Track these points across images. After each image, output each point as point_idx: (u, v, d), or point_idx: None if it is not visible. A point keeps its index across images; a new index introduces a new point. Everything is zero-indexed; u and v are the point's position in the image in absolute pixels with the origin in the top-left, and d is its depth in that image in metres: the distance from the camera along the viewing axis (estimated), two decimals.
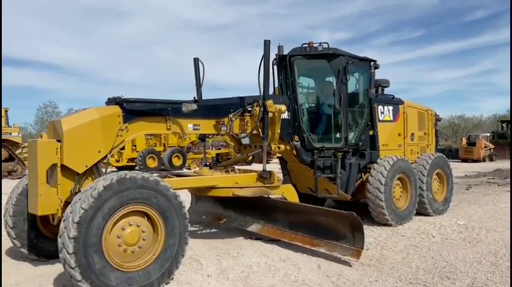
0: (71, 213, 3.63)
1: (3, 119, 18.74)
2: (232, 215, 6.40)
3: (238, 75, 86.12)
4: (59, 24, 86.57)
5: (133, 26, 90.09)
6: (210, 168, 6.23)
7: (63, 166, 4.21)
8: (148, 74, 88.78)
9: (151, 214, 4.04)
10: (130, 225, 3.96)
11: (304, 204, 5.67)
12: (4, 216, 4.83)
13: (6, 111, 19.26)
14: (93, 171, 4.48)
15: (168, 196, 4.13)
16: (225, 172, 6.00)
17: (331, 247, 4.96)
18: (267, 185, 5.74)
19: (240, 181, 5.68)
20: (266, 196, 5.84)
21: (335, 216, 5.08)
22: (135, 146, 20.62)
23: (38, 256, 4.88)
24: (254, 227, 5.91)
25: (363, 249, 4.74)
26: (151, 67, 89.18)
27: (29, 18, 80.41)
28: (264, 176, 5.74)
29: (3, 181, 16.05)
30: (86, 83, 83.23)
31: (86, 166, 4.36)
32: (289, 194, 5.94)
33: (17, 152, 18.41)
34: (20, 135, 19.46)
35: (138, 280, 3.87)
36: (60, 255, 3.62)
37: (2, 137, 17.76)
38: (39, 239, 4.87)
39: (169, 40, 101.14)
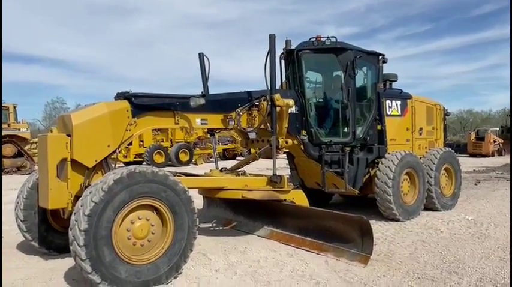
0: (81, 206, 3.66)
1: (11, 115, 18.88)
2: (242, 220, 6.36)
3: (244, 71, 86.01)
4: (66, 21, 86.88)
5: (140, 24, 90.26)
6: (221, 170, 6.22)
7: (73, 160, 4.24)
8: (155, 71, 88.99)
9: (161, 208, 4.06)
10: (140, 219, 3.98)
11: (313, 208, 5.62)
12: (15, 209, 4.88)
13: (14, 107, 19.38)
14: (103, 165, 4.52)
15: (177, 191, 4.15)
16: (236, 175, 5.98)
17: (339, 252, 4.86)
18: (276, 189, 5.68)
19: (249, 184, 5.65)
20: (276, 200, 5.70)
21: (344, 220, 4.98)
22: (142, 141, 20.72)
23: (48, 249, 4.93)
24: (263, 232, 5.87)
25: (371, 255, 4.64)
26: (158, 64, 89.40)
27: (37, 16, 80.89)
28: (274, 180, 5.68)
29: (13, 176, 16.23)
30: (93, 79, 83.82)
31: (96, 160, 4.39)
32: (299, 199, 5.83)
33: (26, 147, 18.57)
34: (29, 131, 19.58)
35: (146, 273, 3.89)
36: (70, 247, 3.66)
37: (11, 133, 17.94)
38: (49, 233, 4.91)
39: (176, 37, 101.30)
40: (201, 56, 5.95)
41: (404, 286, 4.05)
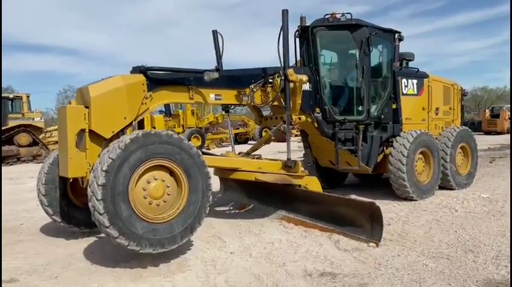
0: (99, 163, 3.78)
1: (25, 105, 19.14)
2: (255, 204, 6.40)
3: (255, 54, 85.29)
4: (77, 7, 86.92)
5: (151, 7, 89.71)
6: (238, 154, 6.23)
7: (91, 131, 4.32)
8: (165, 56, 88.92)
9: (175, 170, 4.13)
10: (156, 179, 4.06)
11: (325, 193, 5.60)
12: (37, 185, 5.03)
13: (28, 96, 19.63)
14: (119, 137, 4.57)
15: (192, 154, 4.22)
16: (251, 158, 5.97)
17: (348, 238, 4.80)
18: (290, 174, 5.66)
19: (263, 167, 5.65)
20: (289, 184, 5.68)
21: (355, 206, 4.97)
22: (154, 127, 20.81)
23: (69, 224, 5.07)
24: (275, 217, 5.87)
25: (380, 241, 4.59)
26: (168, 48, 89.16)
27: (48, 3, 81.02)
28: (289, 165, 5.65)
29: (30, 165, 16.54)
30: (104, 66, 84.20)
31: (113, 132, 4.45)
32: (312, 185, 5.79)
33: (41, 136, 18.84)
34: (43, 120, 19.84)
35: (162, 232, 3.99)
36: (89, 204, 3.76)
37: (25, 123, 18.24)
38: (70, 208, 5.04)
39: (186, 21, 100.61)
40: (215, 34, 5.90)
41: (419, 265, 4.02)
